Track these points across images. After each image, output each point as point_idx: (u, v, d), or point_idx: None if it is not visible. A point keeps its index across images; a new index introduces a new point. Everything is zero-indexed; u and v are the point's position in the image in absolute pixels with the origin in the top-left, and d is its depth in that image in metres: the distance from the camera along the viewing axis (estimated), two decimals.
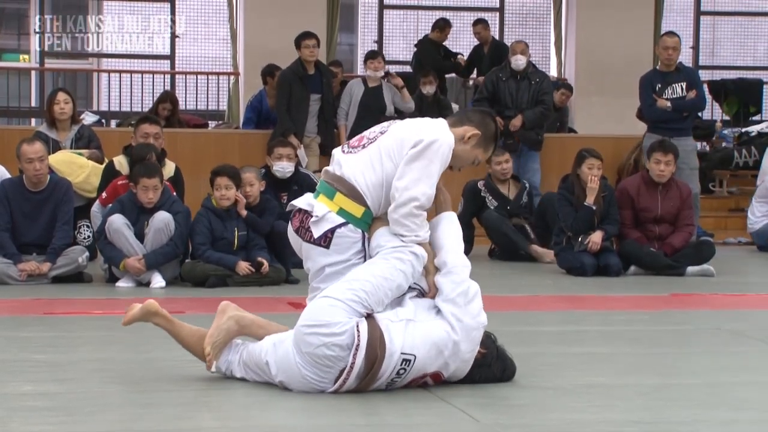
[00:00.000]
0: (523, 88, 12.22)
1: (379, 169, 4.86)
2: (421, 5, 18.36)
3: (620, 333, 6.76)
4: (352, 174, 4.88)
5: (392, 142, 4.88)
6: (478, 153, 5.02)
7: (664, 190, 9.96)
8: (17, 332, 6.58)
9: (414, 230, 4.80)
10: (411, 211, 4.78)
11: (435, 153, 4.81)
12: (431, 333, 4.75)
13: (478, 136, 4.97)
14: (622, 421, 4.49)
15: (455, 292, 4.80)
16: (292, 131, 12.30)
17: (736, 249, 12.53)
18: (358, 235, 4.86)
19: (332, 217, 4.86)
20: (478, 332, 4.84)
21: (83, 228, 9.89)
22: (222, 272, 8.63)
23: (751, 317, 7.70)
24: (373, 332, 4.68)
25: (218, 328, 5.00)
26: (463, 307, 4.78)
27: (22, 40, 18.90)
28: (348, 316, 4.67)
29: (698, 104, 11.58)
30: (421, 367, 4.76)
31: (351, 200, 4.86)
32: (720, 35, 19.64)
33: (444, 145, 4.84)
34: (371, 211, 4.87)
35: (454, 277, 4.82)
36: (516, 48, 12.35)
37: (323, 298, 4.72)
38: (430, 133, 4.85)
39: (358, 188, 4.86)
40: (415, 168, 4.79)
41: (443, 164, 4.86)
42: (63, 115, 10.45)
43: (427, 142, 4.81)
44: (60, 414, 4.46)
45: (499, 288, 8.73)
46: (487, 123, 5.04)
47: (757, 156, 14.42)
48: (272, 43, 14.64)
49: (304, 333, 4.70)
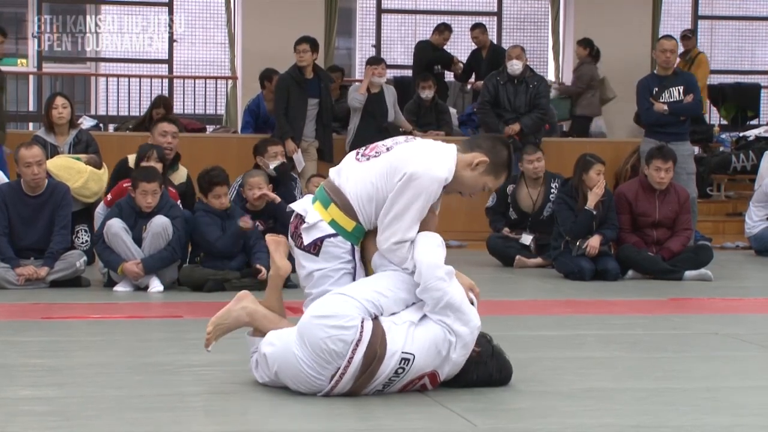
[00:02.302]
0: (521, 92, 12.24)
1: (371, 187, 4.88)
2: (419, 9, 18.37)
3: (618, 337, 6.76)
4: (349, 188, 4.91)
5: (388, 166, 4.88)
6: (488, 180, 4.98)
7: (662, 195, 9.97)
8: (15, 337, 6.57)
9: (399, 263, 4.86)
10: (390, 248, 4.83)
11: (418, 188, 4.79)
12: (431, 333, 4.77)
13: (486, 163, 4.94)
14: (620, 425, 4.49)
15: (438, 306, 4.80)
16: (289, 135, 12.31)
17: (733, 253, 12.54)
18: (347, 246, 4.92)
19: (323, 226, 4.91)
20: (472, 336, 4.86)
21: (81, 232, 9.89)
22: (220, 276, 8.63)
23: (749, 321, 7.70)
24: (375, 331, 4.70)
25: (228, 312, 5.05)
26: (452, 317, 4.80)
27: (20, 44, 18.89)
28: (358, 312, 4.70)
29: (695, 108, 11.60)
30: (420, 366, 4.77)
31: (343, 214, 4.90)
32: (717, 39, 19.65)
33: (426, 180, 4.80)
34: (362, 227, 4.91)
35: (432, 294, 4.81)
36: (512, 53, 12.40)
37: (338, 294, 4.77)
38: (416, 166, 4.81)
39: (352, 203, 4.89)
40: (398, 204, 4.81)
41: (428, 198, 4.83)
42: (61, 119, 10.46)
43: (408, 177, 4.79)
44: (58, 418, 4.46)
45: (498, 293, 8.74)
46: (497, 150, 4.98)
47: (755, 160, 14.43)
48: (270, 47, 14.65)
49: (312, 323, 4.71)
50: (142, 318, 7.48)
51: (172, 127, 9.90)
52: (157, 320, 7.52)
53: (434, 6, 18.29)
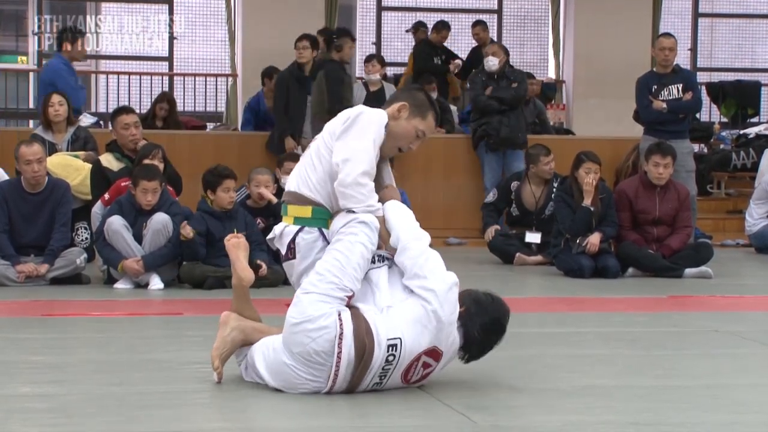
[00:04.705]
0: (503, 87, 12.27)
1: (318, 164, 4.94)
2: (419, 7, 18.37)
3: (618, 335, 6.76)
4: (294, 182, 5.00)
5: (326, 136, 4.97)
6: (417, 123, 5.05)
7: (662, 192, 9.97)
8: (15, 334, 6.57)
9: (362, 200, 4.83)
10: (356, 180, 4.81)
11: (365, 123, 4.90)
12: (409, 312, 4.75)
13: (407, 106, 5.03)
14: (620, 422, 4.49)
15: (416, 266, 4.81)
16: (289, 133, 12.31)
17: (734, 251, 12.53)
18: (315, 233, 4.93)
19: (288, 229, 4.97)
20: (453, 293, 4.83)
21: (81, 230, 9.89)
22: (220, 274, 8.62)
23: (749, 319, 7.70)
24: (358, 323, 4.69)
25: (223, 340, 5.03)
26: (428, 278, 4.79)
27: (20, 41, 18.89)
28: (329, 306, 4.70)
29: (694, 106, 11.59)
30: (412, 347, 4.74)
31: (300, 205, 4.94)
32: (718, 37, 19.65)
33: (372, 114, 4.94)
34: (322, 207, 4.92)
35: (409, 253, 4.83)
36: (489, 50, 12.56)
37: (302, 295, 4.76)
38: (355, 110, 4.97)
39: (303, 191, 4.94)
40: (348, 139, 4.87)
41: (378, 134, 4.90)
42: (58, 117, 10.45)
43: (354, 116, 4.92)
44: (59, 415, 4.46)
45: (498, 290, 8.69)
46: (412, 93, 5.13)
47: (755, 158, 14.42)
48: (270, 45, 14.64)
49: (291, 333, 4.73)
50: (142, 315, 7.48)
51: (132, 117, 9.69)
52: (157, 317, 7.52)
53: (435, 3, 18.30)
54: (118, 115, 9.79)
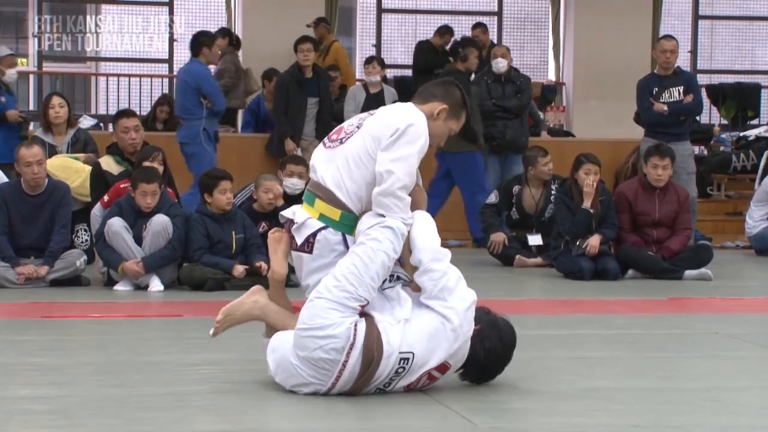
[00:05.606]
0: (508, 90, 12.27)
1: (356, 170, 4.88)
2: (419, 9, 18.37)
3: (618, 337, 6.76)
4: (329, 178, 4.91)
5: (370, 141, 4.88)
6: (451, 124, 5.06)
7: (661, 194, 9.97)
8: (15, 336, 6.57)
9: (397, 212, 4.80)
10: (395, 193, 4.79)
11: (412, 136, 4.84)
12: (427, 326, 4.75)
13: (446, 109, 5.01)
14: (620, 425, 4.49)
15: (437, 288, 4.80)
16: (288, 134, 12.32)
17: (734, 253, 12.53)
18: (339, 237, 4.89)
19: (312, 222, 4.90)
20: (471, 311, 4.84)
21: (81, 232, 9.88)
22: (220, 275, 8.62)
23: (749, 321, 7.70)
24: (370, 333, 4.68)
25: (240, 304, 5.08)
26: (447, 299, 4.79)
27: (20, 43, 18.88)
28: (342, 315, 4.68)
29: (695, 109, 11.58)
30: (423, 362, 4.75)
31: (329, 205, 4.89)
32: (718, 39, 19.64)
33: (419, 128, 4.87)
34: (352, 214, 4.88)
35: (431, 275, 4.82)
36: (497, 51, 12.53)
37: (316, 300, 4.74)
38: (404, 120, 4.88)
39: (334, 191, 4.89)
40: (395, 151, 4.81)
41: (422, 146, 4.88)
42: (58, 119, 10.45)
43: (403, 129, 4.84)
44: (58, 417, 4.46)
45: (498, 292, 8.73)
46: (451, 93, 5.07)
47: (755, 160, 14.43)
48: (270, 46, 14.65)
49: (301, 336, 4.72)
50: (142, 317, 7.48)
51: (133, 121, 9.66)
52: (157, 319, 7.52)
53: (435, 6, 18.29)
54: (119, 118, 9.78)
